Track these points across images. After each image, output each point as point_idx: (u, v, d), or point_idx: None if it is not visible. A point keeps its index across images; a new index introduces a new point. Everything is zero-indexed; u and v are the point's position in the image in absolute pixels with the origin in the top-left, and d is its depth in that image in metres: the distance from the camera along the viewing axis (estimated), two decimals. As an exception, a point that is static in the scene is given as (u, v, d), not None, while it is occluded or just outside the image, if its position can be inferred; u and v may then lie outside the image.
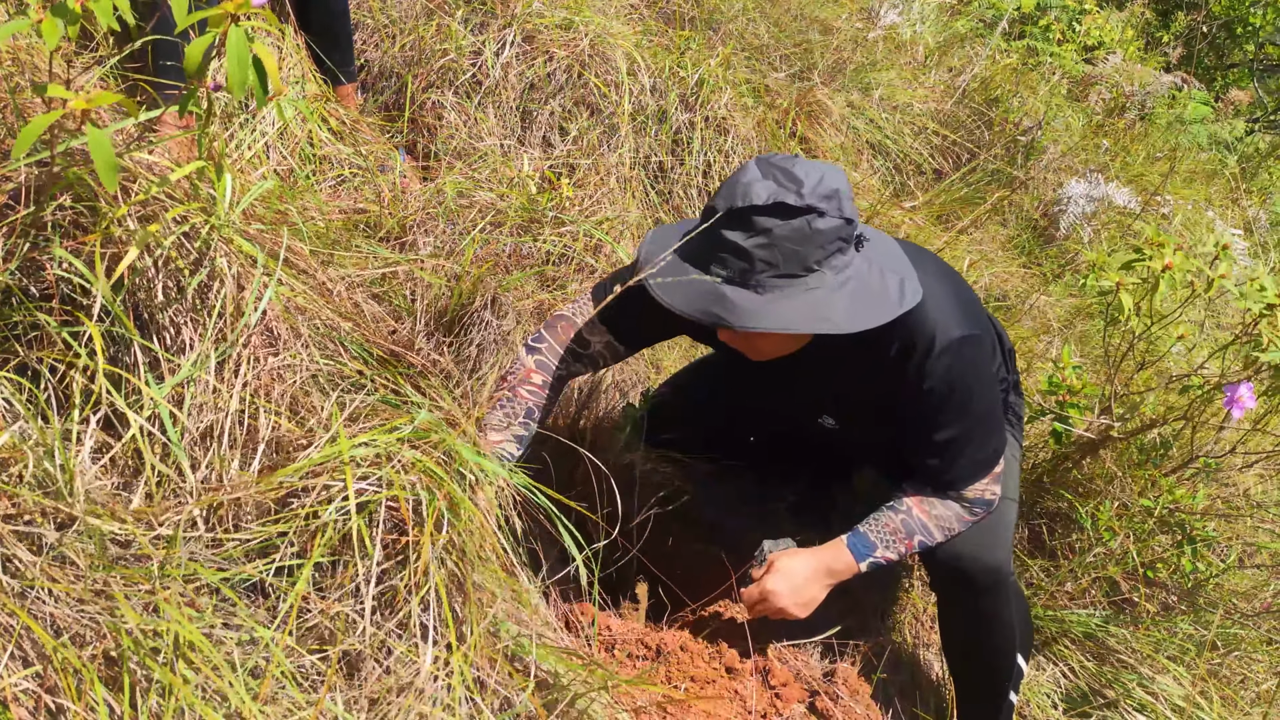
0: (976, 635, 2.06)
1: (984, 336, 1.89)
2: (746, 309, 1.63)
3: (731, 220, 1.64)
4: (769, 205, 1.62)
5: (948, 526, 1.92)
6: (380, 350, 1.79)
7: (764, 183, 1.64)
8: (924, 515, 1.92)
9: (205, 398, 1.54)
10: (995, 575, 1.97)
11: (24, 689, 1.17)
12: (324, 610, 1.44)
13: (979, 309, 1.99)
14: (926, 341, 1.80)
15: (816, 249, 1.64)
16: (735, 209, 1.64)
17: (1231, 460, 2.58)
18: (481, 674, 1.52)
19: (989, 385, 1.93)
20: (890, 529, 1.92)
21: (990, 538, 1.98)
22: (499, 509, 1.64)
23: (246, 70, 1.18)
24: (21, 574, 1.26)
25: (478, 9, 3.07)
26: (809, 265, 1.65)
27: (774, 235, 1.62)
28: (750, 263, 1.63)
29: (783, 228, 1.62)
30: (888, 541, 1.92)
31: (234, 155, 2.24)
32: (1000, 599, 2.00)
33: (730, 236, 1.64)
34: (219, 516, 1.49)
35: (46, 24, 1.15)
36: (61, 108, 1.28)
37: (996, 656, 2.07)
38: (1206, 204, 5.20)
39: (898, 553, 1.93)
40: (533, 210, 2.50)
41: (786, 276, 1.64)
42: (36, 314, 1.45)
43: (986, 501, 1.94)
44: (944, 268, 1.99)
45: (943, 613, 2.14)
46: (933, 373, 1.81)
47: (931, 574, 2.09)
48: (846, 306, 1.67)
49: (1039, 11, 6.27)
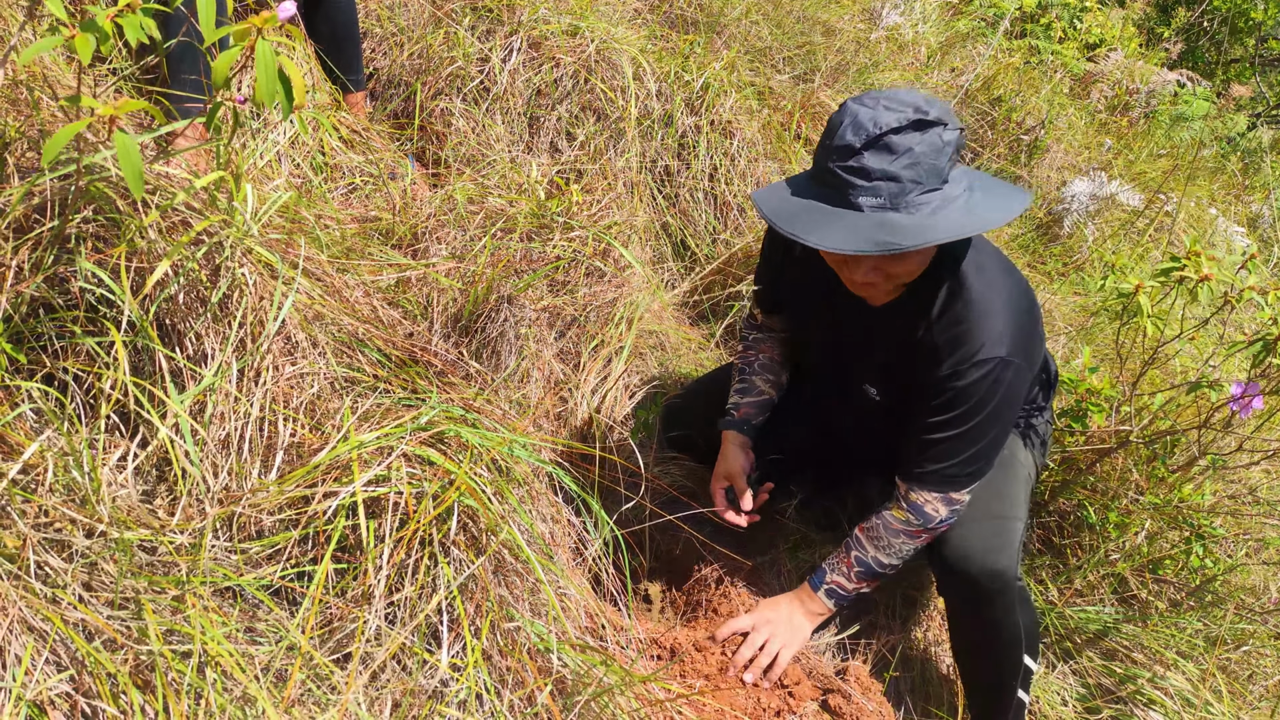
0: (983, 637, 2.08)
1: (1025, 369, 1.91)
2: (914, 228, 1.65)
3: (869, 148, 1.65)
4: (905, 124, 1.64)
5: (877, 538, 2.02)
6: (399, 353, 1.82)
7: (882, 111, 1.66)
8: (859, 533, 2.06)
9: (226, 406, 1.57)
10: (1001, 580, 1.99)
11: (59, 693, 1.20)
12: (343, 612, 1.47)
13: (1035, 341, 1.98)
14: (975, 346, 1.85)
15: (948, 160, 1.69)
16: (872, 136, 1.64)
17: (1239, 457, 2.59)
18: (500, 672, 1.55)
19: (1005, 415, 1.94)
20: (835, 556, 2.09)
21: (998, 543, 2.01)
22: (517, 502, 1.66)
23: (274, 83, 1.21)
24: (53, 580, 1.28)
25: (484, 17, 3.10)
26: (945, 177, 1.69)
27: (915, 153, 1.64)
28: (901, 183, 1.65)
29: (922, 144, 1.65)
30: (833, 565, 2.08)
31: (248, 165, 2.27)
32: (1006, 602, 2.01)
33: (874, 164, 1.65)
34: (240, 522, 1.52)
35: (79, 40, 1.18)
36: (89, 116, 1.30)
37: (1003, 658, 2.08)
38: (1210, 200, 5.21)
39: (842, 573, 2.05)
40: (542, 216, 2.52)
41: (930, 191, 1.67)
42: (66, 325, 1.48)
43: (927, 516, 1.99)
44: (1027, 286, 2.01)
45: (951, 616, 2.16)
46: (964, 376, 1.85)
47: (939, 578, 2.11)
48: (987, 204, 1.71)
49: (1040, 10, 6.29)
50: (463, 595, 1.53)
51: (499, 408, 1.86)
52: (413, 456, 1.57)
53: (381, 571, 1.48)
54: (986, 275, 1.89)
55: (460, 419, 1.68)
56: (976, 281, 1.87)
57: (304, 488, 1.52)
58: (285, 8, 1.32)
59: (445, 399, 1.73)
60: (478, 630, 1.52)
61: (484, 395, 1.84)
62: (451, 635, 1.50)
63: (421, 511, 1.52)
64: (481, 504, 1.57)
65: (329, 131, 2.56)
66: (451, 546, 1.56)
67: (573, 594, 1.73)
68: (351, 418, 1.60)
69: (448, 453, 1.60)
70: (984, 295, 1.87)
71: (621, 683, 1.59)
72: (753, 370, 2.26)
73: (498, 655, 1.55)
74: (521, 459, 1.76)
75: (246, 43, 1.23)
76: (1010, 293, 1.91)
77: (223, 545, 1.49)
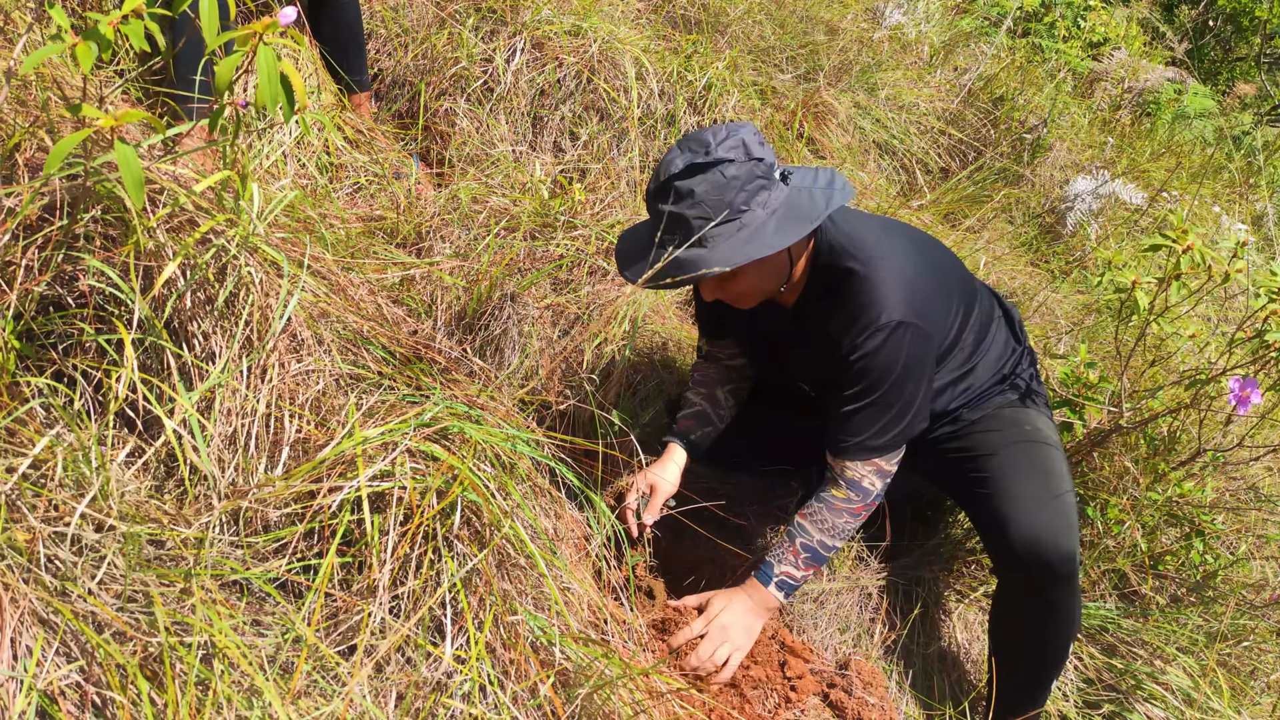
0: (1041, 623, 2.07)
1: (924, 329, 1.98)
2: (692, 261, 1.83)
3: (661, 194, 1.85)
4: (683, 170, 1.82)
5: (821, 520, 2.05)
6: (403, 350, 1.84)
7: (679, 154, 1.84)
8: (801, 518, 2.07)
9: (233, 402, 1.59)
10: (1072, 564, 2.00)
11: (70, 683, 1.22)
12: (348, 605, 1.49)
13: (936, 297, 2.05)
14: (868, 319, 1.94)
15: (739, 192, 1.83)
16: (660, 184, 1.84)
17: (1239, 453, 2.60)
18: (503, 664, 1.57)
19: (916, 375, 2.00)
20: (780, 548, 2.08)
21: (1063, 524, 2.01)
22: (519, 497, 1.68)
23: (276, 87, 1.23)
24: (63, 573, 1.30)
25: (488, 17, 3.12)
26: (738, 208, 1.84)
27: (697, 194, 1.81)
28: (687, 223, 1.83)
29: (703, 184, 1.81)
30: (779, 557, 2.07)
31: (254, 165, 2.29)
32: (1072, 588, 2.03)
33: (664, 208, 1.84)
34: (246, 517, 1.54)
35: (81, 49, 1.20)
36: (89, 128, 1.32)
37: (1054, 646, 2.09)
38: (1213, 199, 5.21)
39: (790, 562, 2.05)
40: (545, 215, 2.54)
41: (723, 223, 1.83)
42: (74, 322, 1.50)
43: (864, 490, 2.04)
44: (921, 244, 2.11)
45: (1009, 598, 2.14)
46: (861, 348, 1.95)
47: (1004, 561, 2.09)
48: (775, 229, 1.85)
49: (1043, 8, 6.30)
50: (466, 589, 1.55)
51: (502, 404, 1.88)
52: (416, 452, 1.59)
53: (385, 565, 1.50)
54: (866, 250, 1.98)
55: (464, 415, 1.70)
56: (857, 261, 1.97)
57: (309, 483, 1.54)
58: (287, 13, 1.34)
59: (449, 395, 1.75)
60: (481, 623, 1.54)
61: (487, 392, 1.86)
62: (455, 628, 1.52)
63: (425, 506, 1.54)
64: (484, 499, 1.59)
65: (334, 131, 2.58)
66: (455, 541, 1.58)
67: (575, 588, 1.75)
68: (356, 414, 1.62)
69: (451, 448, 1.62)
70: (866, 271, 1.96)
71: (622, 675, 1.60)
72: (692, 389, 2.37)
73: (501, 648, 1.57)
74: (524, 454, 1.78)
75: (248, 48, 1.25)
76: (896, 258, 1.99)
77: (229, 539, 1.51)
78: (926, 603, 2.50)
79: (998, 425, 2.18)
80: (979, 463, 2.14)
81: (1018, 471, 2.09)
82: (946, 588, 2.57)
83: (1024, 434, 2.16)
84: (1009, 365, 2.25)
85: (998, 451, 2.14)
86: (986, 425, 2.19)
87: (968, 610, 2.55)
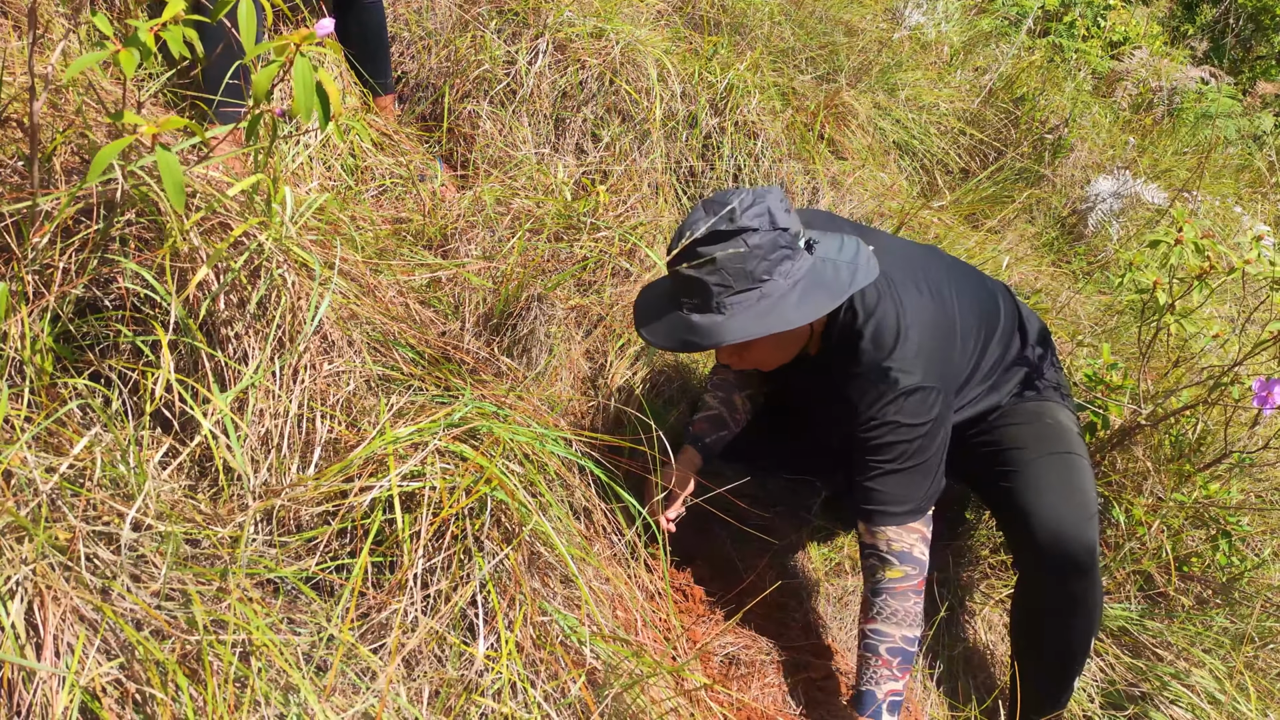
0: (1063, 616, 2.07)
1: (940, 391, 1.95)
2: (709, 329, 1.83)
3: (683, 257, 1.84)
4: (707, 235, 1.81)
5: (892, 614, 1.92)
6: (432, 351, 1.85)
7: (704, 218, 1.83)
8: (871, 625, 1.94)
9: (266, 403, 1.61)
10: (1093, 555, 2.00)
11: (111, 679, 1.24)
12: (380, 603, 1.50)
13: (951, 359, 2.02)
14: (887, 383, 1.92)
15: (761, 261, 1.82)
16: (685, 247, 1.84)
17: (1265, 455, 2.59)
18: (534, 663, 1.58)
19: (938, 435, 1.97)
20: (869, 666, 1.92)
21: (1084, 514, 2.01)
22: (549, 495, 1.69)
23: (312, 97, 1.25)
24: (102, 572, 1.32)
25: (511, 20, 3.13)
26: (759, 277, 1.83)
27: (718, 260, 1.81)
28: (706, 289, 1.83)
29: (723, 250, 1.80)
30: (873, 679, 1.91)
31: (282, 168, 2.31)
32: (1093, 579, 2.03)
33: (685, 271, 1.83)
34: (279, 516, 1.56)
35: (124, 55, 1.22)
36: (132, 135, 1.34)
37: (1077, 640, 2.09)
38: (1235, 199, 5.18)
39: (888, 676, 1.91)
40: (569, 216, 2.55)
41: (742, 292, 1.83)
42: (111, 324, 1.52)
43: (916, 560, 1.94)
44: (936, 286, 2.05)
45: (1030, 591, 2.12)
46: (883, 415, 1.92)
47: (1026, 553, 2.08)
48: (796, 302, 1.84)
49: (1064, 8, 6.27)
50: (496, 588, 1.57)
51: (530, 404, 1.90)
52: (446, 452, 1.61)
53: (417, 564, 1.52)
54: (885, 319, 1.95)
55: (492, 415, 1.71)
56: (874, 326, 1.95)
57: (341, 482, 1.55)
58: (324, 24, 1.36)
59: (478, 395, 1.76)
60: (511, 622, 1.55)
61: (515, 392, 1.87)
62: (486, 627, 1.54)
63: (455, 505, 1.55)
64: (513, 498, 1.60)
65: (360, 135, 2.60)
66: (485, 540, 1.59)
67: (606, 586, 1.76)
68: (386, 414, 1.64)
69: (480, 448, 1.63)
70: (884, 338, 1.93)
71: (653, 674, 1.61)
72: (710, 392, 2.38)
73: (531, 646, 1.58)
74: (554, 453, 1.79)
75: (285, 57, 1.26)
76: (913, 319, 1.95)
77: (263, 538, 1.53)
78: (952, 604, 2.50)
79: (1021, 419, 2.19)
80: (1001, 456, 2.14)
81: (1039, 464, 2.09)
82: (972, 589, 2.57)
83: (1046, 427, 2.16)
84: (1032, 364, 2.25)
85: (1019, 444, 2.14)
86: (1008, 419, 2.20)
87: (992, 612, 2.54)
